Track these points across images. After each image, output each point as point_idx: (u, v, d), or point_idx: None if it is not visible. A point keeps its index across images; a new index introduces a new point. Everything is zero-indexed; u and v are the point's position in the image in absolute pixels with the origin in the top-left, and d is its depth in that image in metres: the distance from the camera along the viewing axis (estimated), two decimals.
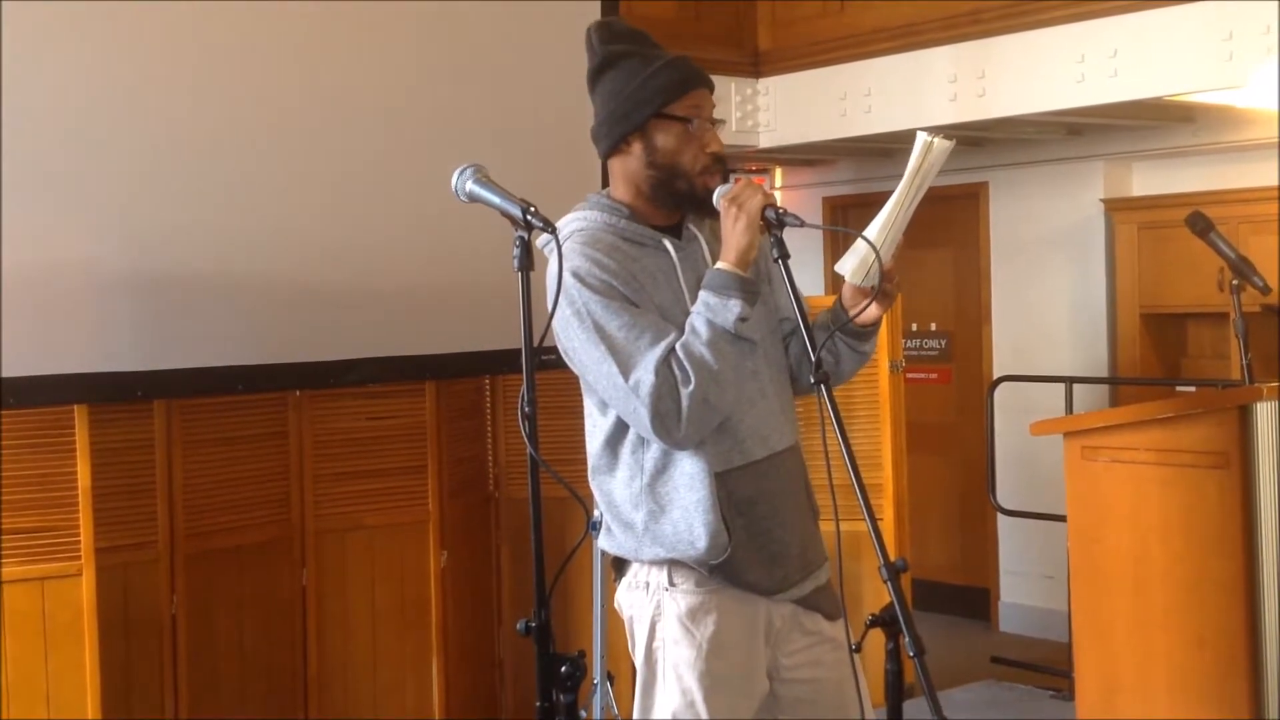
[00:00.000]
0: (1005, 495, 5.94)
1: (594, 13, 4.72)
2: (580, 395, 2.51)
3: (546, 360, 2.29)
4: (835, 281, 2.55)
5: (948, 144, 2.31)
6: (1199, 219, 4.04)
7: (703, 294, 2.35)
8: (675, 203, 2.48)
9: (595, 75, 2.50)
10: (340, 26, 4.31)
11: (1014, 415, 5.87)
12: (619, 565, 2.52)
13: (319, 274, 4.25)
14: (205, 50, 4.04)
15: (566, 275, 2.32)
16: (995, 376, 6.36)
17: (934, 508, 7.00)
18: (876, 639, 2.17)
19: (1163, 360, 6.32)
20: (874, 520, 2.13)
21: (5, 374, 3.63)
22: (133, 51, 3.92)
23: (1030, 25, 5.24)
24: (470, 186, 2.33)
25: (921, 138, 2.32)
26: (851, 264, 2.39)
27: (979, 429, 6.41)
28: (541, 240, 2.32)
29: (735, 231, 2.35)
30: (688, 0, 6.04)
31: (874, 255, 2.33)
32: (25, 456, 3.76)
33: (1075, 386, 5.69)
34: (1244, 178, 5.84)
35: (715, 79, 2.55)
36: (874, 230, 2.35)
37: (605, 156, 2.52)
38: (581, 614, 4.60)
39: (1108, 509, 3.70)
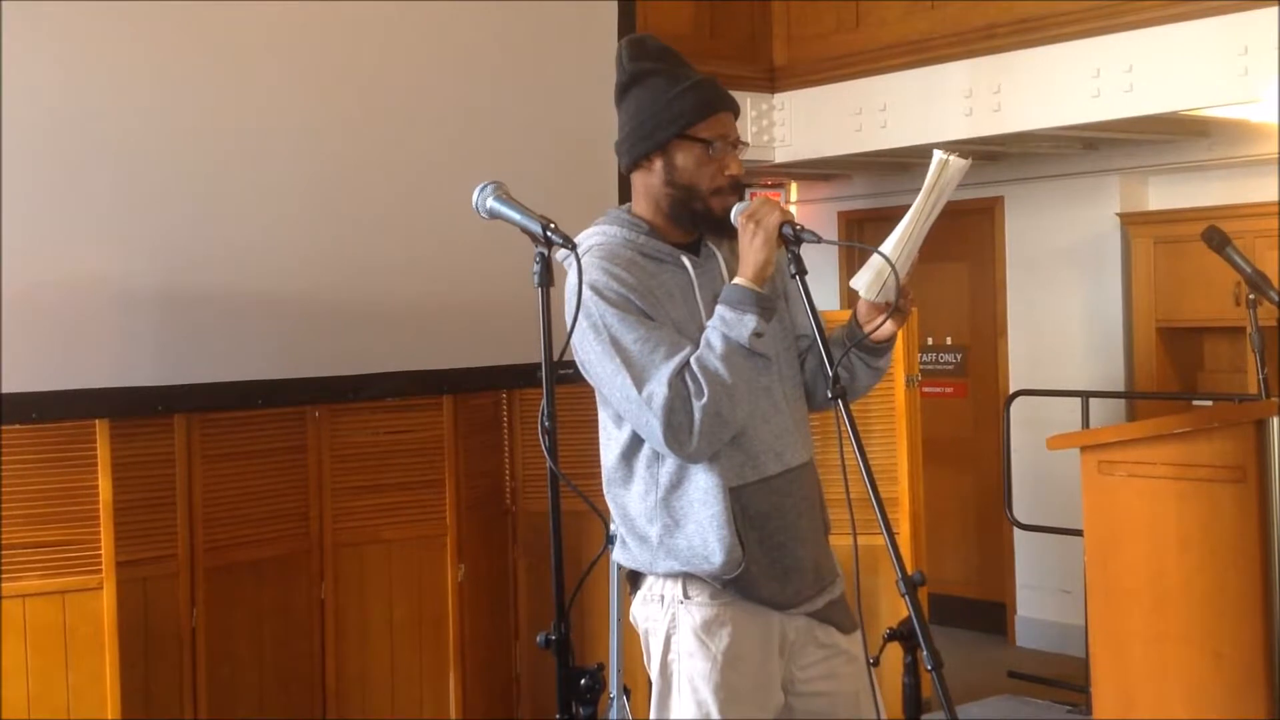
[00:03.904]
0: (1021, 509, 5.93)
1: (611, 29, 4.76)
2: (596, 409, 2.53)
3: (563, 374, 2.30)
4: (851, 296, 2.55)
5: (963, 162, 2.32)
6: (1215, 234, 4.04)
7: (719, 308, 2.37)
8: (692, 222, 2.49)
9: (622, 91, 2.52)
10: (362, 46, 4.34)
11: (1030, 429, 5.86)
12: (634, 578, 2.53)
13: (337, 289, 4.28)
14: (229, 68, 4.07)
15: (584, 288, 2.34)
16: (1011, 390, 6.35)
17: (950, 522, 6.99)
18: (894, 653, 2.17)
19: (1179, 374, 6.30)
20: (891, 534, 2.14)
21: (27, 389, 3.65)
22: (159, 69, 3.95)
23: (1045, 40, 5.25)
24: (491, 203, 2.34)
25: (937, 155, 2.33)
26: (866, 279, 2.40)
27: (995, 443, 6.40)
28: (561, 255, 2.33)
29: (753, 248, 2.36)
30: (703, 15, 6.06)
31: (889, 270, 2.34)
32: (47, 470, 3.79)
33: (1091, 401, 5.68)
34: (1259, 192, 5.83)
35: (730, 94, 2.57)
36: (889, 246, 2.36)
37: (627, 172, 2.55)
38: (598, 627, 4.61)
39: (1124, 523, 3.70)
